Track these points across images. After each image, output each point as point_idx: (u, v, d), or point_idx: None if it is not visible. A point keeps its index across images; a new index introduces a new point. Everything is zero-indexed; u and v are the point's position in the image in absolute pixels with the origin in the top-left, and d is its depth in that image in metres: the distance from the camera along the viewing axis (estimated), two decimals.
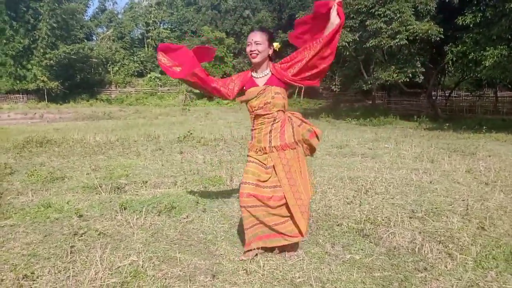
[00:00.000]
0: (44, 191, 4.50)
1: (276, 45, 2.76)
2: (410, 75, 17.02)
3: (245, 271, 2.57)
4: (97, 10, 49.42)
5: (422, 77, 17.52)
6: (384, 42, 16.70)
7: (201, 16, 44.97)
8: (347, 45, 18.10)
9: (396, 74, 17.27)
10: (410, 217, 3.61)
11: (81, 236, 3.11)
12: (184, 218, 3.54)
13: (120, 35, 45.86)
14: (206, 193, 4.55)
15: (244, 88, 2.81)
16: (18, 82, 34.99)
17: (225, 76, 37.24)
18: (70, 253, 2.78)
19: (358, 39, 18.32)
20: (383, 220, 3.52)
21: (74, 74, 38.91)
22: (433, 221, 3.51)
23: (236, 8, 41.24)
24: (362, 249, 2.93)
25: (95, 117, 24.23)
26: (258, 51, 2.63)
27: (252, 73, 2.81)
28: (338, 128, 15.51)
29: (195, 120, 18.95)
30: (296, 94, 40.41)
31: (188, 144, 8.83)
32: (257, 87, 2.72)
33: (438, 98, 25.40)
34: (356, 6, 17.46)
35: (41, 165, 6.16)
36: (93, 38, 48.49)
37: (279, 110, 2.72)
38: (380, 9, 16.65)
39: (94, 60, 39.82)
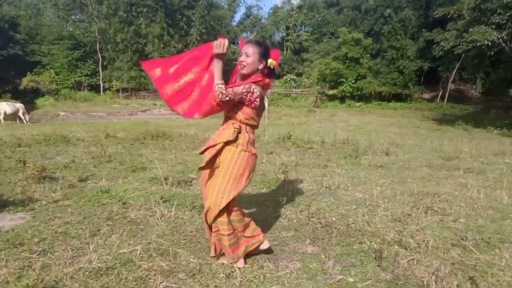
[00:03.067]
0: (120, 179, 5.10)
1: (270, 62, 2.66)
2: None
3: (224, 275, 2.56)
4: (243, 16, 52.87)
5: None
6: None
7: (341, 17, 44.45)
8: (490, 44, 15.85)
9: None
10: (453, 245, 3.08)
11: (112, 221, 3.47)
12: None
13: (262, 39, 48.21)
14: (254, 194, 4.57)
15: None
16: None
17: (359, 77, 36.23)
18: (93, 235, 3.14)
19: (505, 37, 15.91)
20: (416, 244, 3.08)
21: None
22: (479, 252, 2.93)
23: (377, 8, 39.60)
24: (363, 272, 2.63)
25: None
26: (246, 63, 2.59)
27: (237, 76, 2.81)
28: (471, 138, 13.75)
29: (315, 122, 18.89)
30: (439, 98, 37.03)
31: (283, 145, 8.91)
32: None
33: None
34: (505, 0, 15.17)
35: (139, 155, 6.95)
36: (238, 42, 51.94)
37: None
38: None
39: (235, 63, 42.71)
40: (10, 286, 2.29)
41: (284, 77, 44.26)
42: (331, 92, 38.42)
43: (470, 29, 16.30)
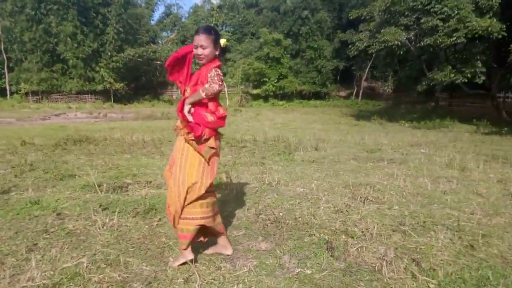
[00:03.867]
0: (48, 188, 4.72)
1: (223, 42, 2.74)
2: (468, 75, 15.79)
3: (183, 280, 2.50)
4: (162, 14, 51.56)
5: (483, 78, 16.14)
6: (440, 40, 15.67)
7: (261, 18, 45.32)
8: (399, 44, 17.20)
9: (453, 75, 16.12)
10: (394, 230, 3.31)
11: (49, 234, 3.21)
12: (156, 221, 3.52)
13: (183, 38, 47.50)
14: None
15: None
16: (87, 83, 37.58)
17: (281, 77, 37.29)
18: (29, 251, 2.87)
19: (412, 37, 17.38)
20: (361, 232, 3.26)
21: (138, 76, 41.13)
22: (417, 236, 3.18)
23: (295, 9, 40.96)
24: (318, 263, 2.72)
25: (154, 117, 25.23)
26: (204, 55, 2.62)
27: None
28: (387, 132, 14.79)
29: (243, 121, 19.07)
30: (354, 95, 39.38)
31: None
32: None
33: (505, 100, 23.36)
34: (412, 3, 16.56)
35: (64, 162, 6.49)
36: (159, 42, 50.67)
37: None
38: (436, 6, 15.64)
39: (158, 62, 41.58)
40: None
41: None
42: (254, 91, 39.06)
43: (382, 30, 17.54)
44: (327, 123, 19.00)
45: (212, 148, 2.63)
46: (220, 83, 2.53)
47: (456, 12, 15.18)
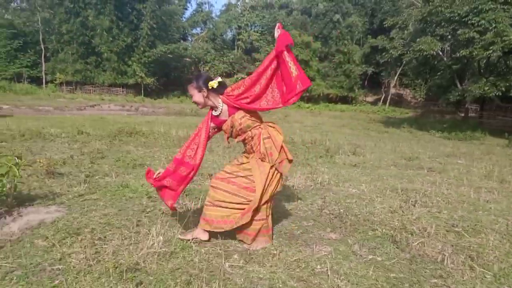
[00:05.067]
0: (126, 174, 5.30)
1: (211, 84, 2.99)
2: (503, 89, 15.86)
3: (271, 256, 2.96)
4: (194, 12, 52.50)
5: None
6: (476, 52, 15.80)
7: (291, 20, 45.70)
8: (435, 53, 17.37)
9: (487, 88, 16.20)
10: (447, 231, 3.71)
11: (148, 213, 3.74)
12: None
13: (213, 36, 48.32)
14: None
15: (217, 125, 3.20)
16: (119, 76, 38.82)
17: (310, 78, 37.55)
18: (136, 225, 3.40)
19: (448, 48, 17.52)
20: (418, 230, 3.66)
21: (169, 71, 42.13)
22: (470, 236, 3.57)
23: (326, 12, 41.26)
24: (386, 253, 3.15)
25: (183, 113, 26.01)
26: (197, 102, 3.04)
27: (213, 112, 3.15)
28: (418, 140, 15.06)
29: None
30: (381, 101, 39.37)
31: None
32: (226, 122, 3.09)
33: None
34: (448, 14, 16.71)
35: (127, 152, 7.09)
36: (188, 38, 51.64)
37: (252, 128, 3.06)
38: (474, 18, 15.79)
39: (187, 59, 42.50)
40: (95, 268, 2.54)
41: (235, 76, 44.73)
42: None
43: (418, 39, 17.74)
44: (356, 128, 19.30)
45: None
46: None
47: (493, 25, 15.29)
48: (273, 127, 3.16)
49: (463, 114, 27.34)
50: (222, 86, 3.03)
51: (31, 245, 2.88)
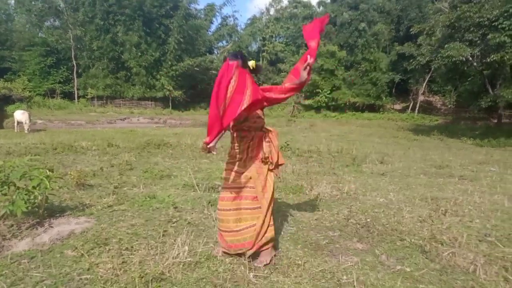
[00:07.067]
0: (153, 185, 5.39)
1: (252, 63, 2.99)
2: None
3: (297, 266, 2.93)
4: (219, 26, 53.24)
5: None
6: (508, 57, 15.32)
7: None
8: (464, 59, 16.94)
9: None
10: (480, 240, 3.57)
11: (174, 223, 3.78)
12: None
13: (238, 49, 48.79)
14: (284, 199, 4.97)
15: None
16: (148, 90, 39.75)
17: (334, 88, 37.39)
18: (162, 236, 3.44)
19: (478, 53, 17.05)
20: (449, 240, 3.55)
21: (195, 84, 42.80)
22: (504, 246, 3.43)
23: (351, 21, 41.01)
24: (415, 263, 3.07)
25: None
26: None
27: None
28: (449, 148, 14.64)
29: (299, 132, 19.48)
30: (410, 109, 38.61)
31: (283, 154, 9.31)
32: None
33: None
34: (477, 19, 16.31)
35: (155, 164, 7.22)
36: (214, 51, 52.33)
37: (258, 130, 3.00)
38: (504, 22, 15.33)
39: (213, 72, 43.03)
40: (122, 278, 2.58)
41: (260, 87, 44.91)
42: (306, 102, 39.42)
43: (446, 45, 17.37)
44: (385, 137, 18.97)
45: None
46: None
47: None
48: (272, 131, 3.08)
49: (496, 120, 26.45)
50: (258, 68, 3.05)
51: (61, 255, 2.97)
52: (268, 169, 3.01)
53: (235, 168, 3.01)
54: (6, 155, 7.59)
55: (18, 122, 17.07)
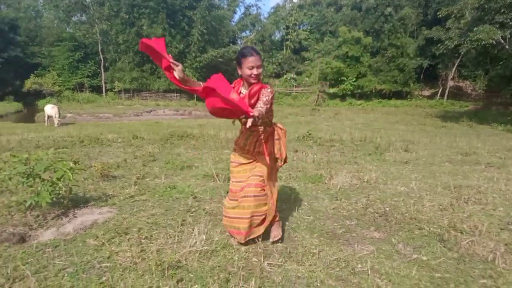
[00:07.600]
0: (174, 176, 5.50)
1: None
2: None
3: (312, 255, 2.96)
4: (242, 15, 53.12)
5: None
6: None
7: (340, 16, 44.89)
8: (495, 42, 16.31)
9: None
10: (502, 229, 3.49)
11: (192, 213, 3.86)
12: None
13: (261, 38, 48.63)
14: (303, 188, 4.97)
15: None
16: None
17: (360, 76, 36.73)
18: (181, 225, 3.52)
19: (509, 36, 16.38)
20: (469, 228, 3.48)
21: None
22: None
23: (377, 6, 40.04)
24: (432, 252, 3.04)
25: None
26: (260, 74, 2.78)
27: (242, 88, 2.92)
28: (478, 134, 14.23)
29: (322, 120, 19.31)
30: (439, 95, 37.58)
31: (305, 143, 9.31)
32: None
33: None
34: (509, 0, 15.63)
35: (178, 155, 7.35)
36: (238, 41, 52.31)
37: (267, 126, 2.99)
38: None
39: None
40: (140, 265, 2.67)
41: (284, 76, 44.72)
42: (331, 90, 38.94)
43: (475, 28, 16.76)
44: (411, 124, 18.59)
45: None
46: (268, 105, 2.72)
47: None
48: (282, 129, 3.10)
49: None
50: None
51: (83, 244, 3.09)
52: (277, 165, 3.13)
53: (241, 159, 3.11)
54: (35, 148, 7.89)
55: (48, 116, 17.69)
